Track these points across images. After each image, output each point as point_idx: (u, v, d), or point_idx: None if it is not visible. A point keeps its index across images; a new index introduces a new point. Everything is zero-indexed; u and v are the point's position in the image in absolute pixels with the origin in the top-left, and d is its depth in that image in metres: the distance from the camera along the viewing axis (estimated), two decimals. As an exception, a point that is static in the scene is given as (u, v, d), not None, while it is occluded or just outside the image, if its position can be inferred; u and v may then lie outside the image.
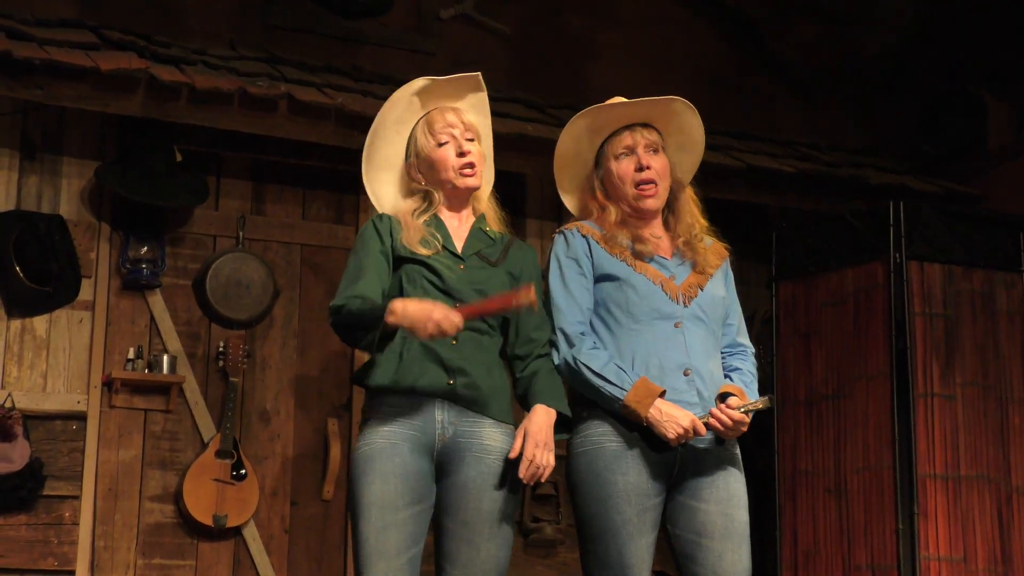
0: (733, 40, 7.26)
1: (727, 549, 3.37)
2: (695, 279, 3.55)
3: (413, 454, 3.23)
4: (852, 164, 6.83)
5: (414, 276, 3.34)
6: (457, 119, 3.52)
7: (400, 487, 3.19)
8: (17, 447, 5.46)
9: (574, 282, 3.49)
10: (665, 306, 3.46)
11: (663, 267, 3.52)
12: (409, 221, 3.42)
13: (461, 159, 3.45)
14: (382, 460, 3.20)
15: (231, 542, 5.82)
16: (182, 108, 5.51)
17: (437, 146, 3.47)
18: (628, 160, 3.56)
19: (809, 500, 5.87)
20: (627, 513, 3.32)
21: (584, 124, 3.60)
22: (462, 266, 3.39)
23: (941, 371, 5.71)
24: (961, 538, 5.58)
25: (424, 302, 3.21)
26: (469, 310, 3.25)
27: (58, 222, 5.70)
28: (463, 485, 3.25)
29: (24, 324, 5.66)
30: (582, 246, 3.52)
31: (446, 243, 3.42)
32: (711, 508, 3.39)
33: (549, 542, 6.35)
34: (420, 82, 3.54)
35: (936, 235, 5.86)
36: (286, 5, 6.36)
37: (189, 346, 5.89)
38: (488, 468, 3.28)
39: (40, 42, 5.39)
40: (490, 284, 3.39)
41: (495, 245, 3.50)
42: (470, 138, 3.50)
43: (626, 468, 3.34)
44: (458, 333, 3.25)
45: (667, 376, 3.41)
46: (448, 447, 3.26)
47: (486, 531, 3.24)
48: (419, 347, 3.28)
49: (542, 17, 6.90)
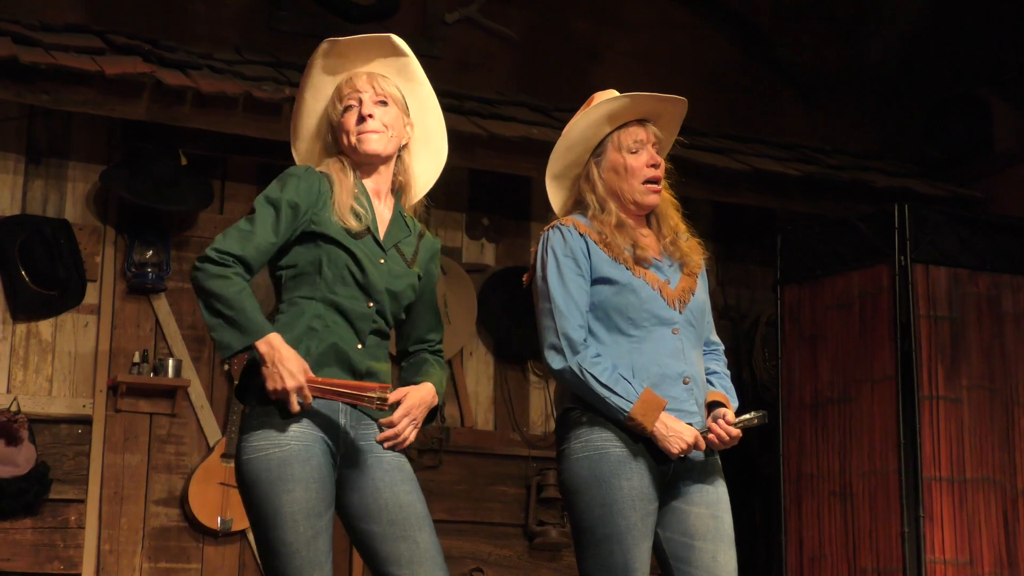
0: (738, 44, 7.26)
1: (719, 550, 3.38)
2: (687, 283, 3.50)
3: (324, 456, 3.11)
4: (857, 167, 6.83)
5: (337, 261, 3.18)
6: (367, 83, 3.29)
7: (320, 492, 3.07)
8: (23, 451, 5.46)
9: (573, 283, 3.41)
10: (664, 312, 3.43)
11: (659, 271, 3.48)
12: (343, 179, 3.24)
13: (361, 124, 3.25)
14: (300, 464, 3.05)
15: (236, 546, 5.83)
16: (187, 112, 5.52)
17: (343, 111, 3.28)
18: (641, 154, 3.49)
19: (814, 504, 5.87)
20: (632, 518, 3.32)
21: (608, 110, 3.50)
22: (382, 259, 3.24)
23: (947, 374, 5.71)
24: (967, 541, 5.57)
25: (299, 359, 3.05)
26: (319, 385, 3.08)
27: (64, 226, 5.71)
28: (375, 487, 3.15)
29: (30, 328, 5.67)
30: (580, 245, 3.44)
31: (371, 225, 3.26)
32: (701, 511, 3.40)
33: (554, 545, 6.35)
34: (325, 44, 3.31)
35: (942, 238, 5.85)
36: (291, 10, 6.37)
37: (194, 350, 5.89)
38: (390, 464, 3.19)
39: (46, 47, 5.40)
40: (401, 287, 3.26)
41: (410, 236, 3.34)
42: (381, 100, 3.29)
43: (630, 474, 3.34)
44: (366, 338, 3.17)
45: (667, 384, 3.39)
46: (350, 451, 3.16)
47: (414, 522, 3.17)
48: (327, 345, 3.15)
49: (547, 21, 6.90)
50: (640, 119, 3.54)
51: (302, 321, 3.17)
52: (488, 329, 6.47)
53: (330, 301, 3.18)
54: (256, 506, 3.09)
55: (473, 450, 6.33)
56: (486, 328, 6.47)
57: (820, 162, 6.75)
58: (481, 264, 6.54)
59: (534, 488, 6.36)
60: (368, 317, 3.21)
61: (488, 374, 6.48)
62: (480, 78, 6.64)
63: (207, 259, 3.14)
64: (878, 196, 6.52)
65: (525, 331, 6.42)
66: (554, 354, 3.40)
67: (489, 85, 6.61)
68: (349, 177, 3.26)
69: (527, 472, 6.40)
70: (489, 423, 6.44)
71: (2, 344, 5.62)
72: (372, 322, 3.21)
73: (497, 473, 6.37)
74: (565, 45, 6.91)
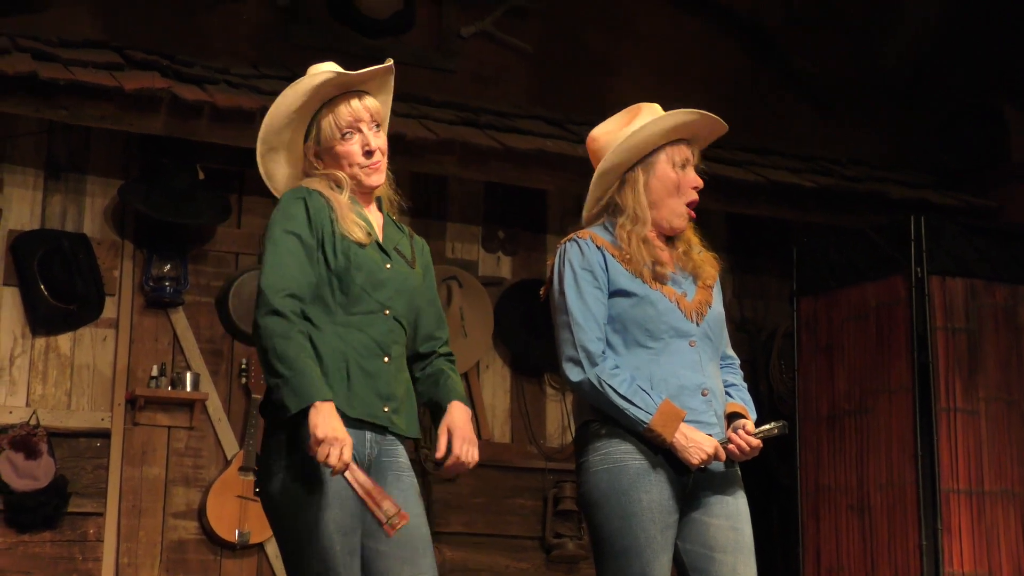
0: (753, 56, 7.26)
1: (739, 562, 3.38)
2: (703, 296, 3.50)
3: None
4: (873, 178, 6.82)
5: (348, 278, 3.19)
6: (362, 106, 3.30)
7: (353, 509, 3.09)
8: (42, 464, 5.49)
9: (591, 295, 3.41)
10: (682, 324, 3.43)
11: (676, 283, 3.48)
12: (337, 197, 3.25)
13: (368, 158, 3.27)
14: (334, 483, 3.07)
15: (254, 558, 5.84)
16: (204, 127, 5.54)
17: (341, 137, 3.28)
18: (687, 172, 3.48)
19: (832, 516, 5.85)
20: (651, 531, 3.32)
21: (674, 123, 3.47)
22: (389, 264, 3.27)
23: (964, 386, 5.69)
24: (985, 554, 5.55)
25: (345, 435, 3.03)
26: (353, 475, 3.07)
27: (82, 241, 5.74)
28: None
29: (49, 342, 5.70)
30: (597, 258, 3.43)
31: (373, 233, 3.27)
32: (722, 523, 3.40)
33: (571, 558, 6.35)
34: (326, 74, 3.28)
35: (958, 249, 5.84)
36: (308, 24, 6.40)
37: (212, 363, 5.91)
38: (406, 484, 3.22)
39: (65, 63, 5.44)
40: (409, 288, 3.29)
41: (404, 238, 3.38)
42: (376, 125, 3.31)
43: (649, 486, 3.34)
44: (390, 348, 3.20)
45: (686, 397, 3.39)
46: (372, 468, 3.20)
47: (420, 547, 3.19)
48: (360, 372, 3.18)
49: (562, 34, 6.92)
50: (687, 138, 3.51)
51: (327, 347, 3.18)
52: (504, 342, 6.48)
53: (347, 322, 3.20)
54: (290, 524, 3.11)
55: (490, 463, 6.32)
56: (502, 341, 6.47)
57: (835, 173, 6.75)
58: (497, 277, 6.55)
59: (551, 501, 6.36)
60: (387, 326, 3.23)
61: (505, 387, 6.49)
62: (495, 91, 6.65)
63: (274, 312, 3.11)
64: (893, 207, 6.51)
65: (541, 344, 6.45)
66: (572, 366, 3.40)
67: (504, 98, 6.62)
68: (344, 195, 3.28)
69: (544, 485, 6.40)
70: (506, 436, 6.44)
71: (21, 358, 5.65)
72: (391, 330, 3.24)
73: (514, 486, 6.37)
74: (580, 58, 6.92)
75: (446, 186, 6.43)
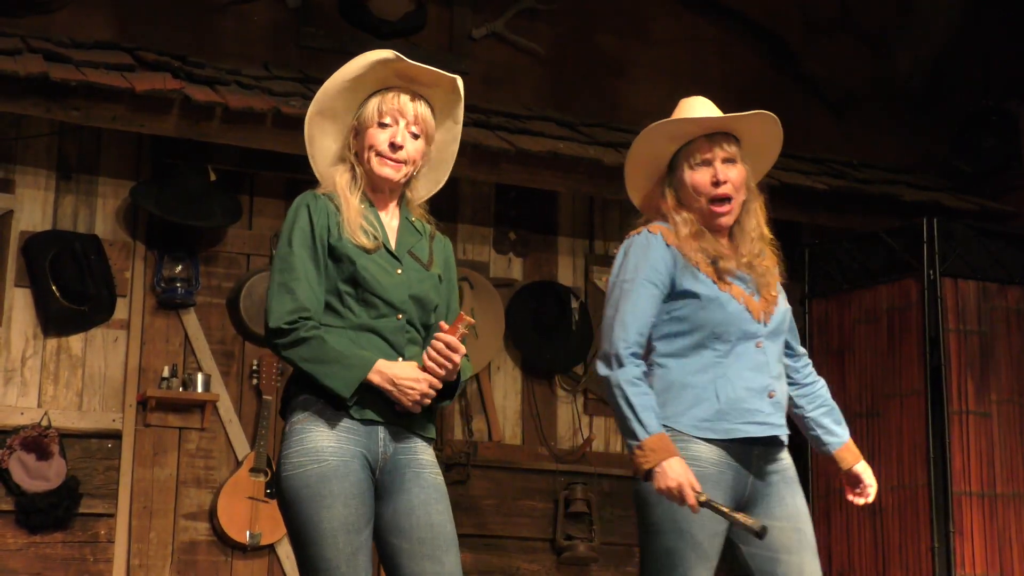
0: (766, 59, 7.25)
1: (805, 561, 3.38)
2: (769, 294, 3.46)
3: (364, 471, 3.14)
4: (885, 181, 6.80)
5: (356, 282, 3.19)
6: (412, 107, 3.28)
7: (360, 508, 3.10)
8: (53, 465, 5.50)
9: (645, 295, 3.34)
10: (750, 326, 3.38)
11: (743, 283, 3.42)
12: (348, 198, 3.23)
13: (391, 151, 3.24)
14: (339, 480, 3.08)
15: (265, 560, 5.84)
16: (216, 128, 5.55)
17: (377, 124, 3.26)
18: (704, 171, 3.43)
19: (844, 519, 5.84)
20: (698, 537, 3.29)
21: (665, 132, 3.45)
22: (399, 270, 3.25)
23: (976, 388, 5.68)
24: (997, 556, 5.54)
25: (411, 367, 3.13)
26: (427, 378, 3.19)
27: (94, 242, 5.75)
28: (410, 504, 3.17)
29: (60, 343, 5.71)
30: (664, 257, 3.37)
31: (383, 238, 3.26)
32: (784, 525, 3.37)
33: (582, 560, 6.34)
34: (386, 53, 3.29)
35: (970, 252, 5.83)
36: (319, 26, 6.40)
37: (223, 364, 5.92)
38: (428, 483, 3.21)
39: (77, 64, 5.45)
40: (423, 291, 3.27)
41: (422, 239, 3.35)
42: (415, 133, 3.28)
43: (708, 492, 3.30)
44: (404, 350, 3.21)
45: (753, 399, 3.35)
46: (389, 466, 3.18)
47: (443, 544, 3.19)
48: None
49: (574, 36, 6.92)
50: (709, 134, 3.47)
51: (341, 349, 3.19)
52: (515, 343, 6.47)
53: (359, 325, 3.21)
54: (296, 522, 3.14)
55: (501, 464, 6.34)
56: (513, 342, 6.47)
57: (848, 176, 6.73)
58: (508, 279, 6.55)
59: (562, 502, 6.35)
60: (400, 329, 3.23)
61: (516, 388, 6.48)
62: (507, 93, 6.66)
63: (276, 333, 3.16)
64: (906, 210, 6.49)
65: (553, 345, 6.45)
66: (602, 362, 3.37)
67: (516, 100, 6.62)
68: (355, 195, 3.27)
69: (555, 486, 6.39)
70: (517, 437, 6.44)
71: (33, 359, 5.66)
72: (405, 333, 3.24)
73: (525, 487, 6.37)
74: (592, 60, 6.92)
75: (457, 188, 6.43)
